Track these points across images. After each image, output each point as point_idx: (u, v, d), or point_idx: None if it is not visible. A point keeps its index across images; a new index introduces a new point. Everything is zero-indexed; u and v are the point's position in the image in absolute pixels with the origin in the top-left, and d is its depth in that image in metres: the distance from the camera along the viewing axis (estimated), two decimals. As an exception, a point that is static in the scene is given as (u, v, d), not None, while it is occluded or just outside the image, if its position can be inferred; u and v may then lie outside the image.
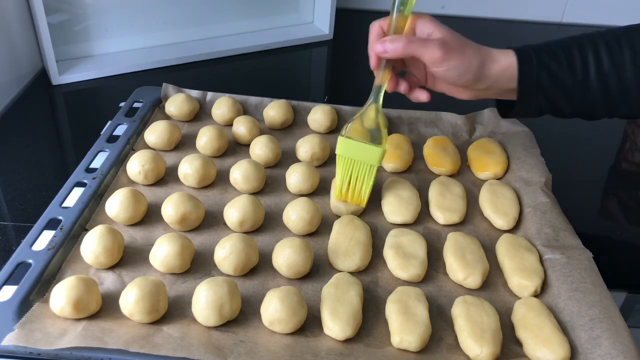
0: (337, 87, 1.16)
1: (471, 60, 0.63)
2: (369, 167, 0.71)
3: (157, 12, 1.14)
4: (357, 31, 1.37)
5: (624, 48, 0.61)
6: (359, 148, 0.70)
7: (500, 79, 0.64)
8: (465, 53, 0.63)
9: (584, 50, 0.62)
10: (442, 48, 0.62)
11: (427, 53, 0.63)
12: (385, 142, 0.70)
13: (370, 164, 0.70)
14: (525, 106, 0.66)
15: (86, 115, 0.99)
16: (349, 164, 0.71)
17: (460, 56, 0.63)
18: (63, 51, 1.06)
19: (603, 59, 0.61)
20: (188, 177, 0.75)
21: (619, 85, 0.61)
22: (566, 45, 0.64)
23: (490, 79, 0.64)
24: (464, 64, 0.63)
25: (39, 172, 0.82)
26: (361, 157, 0.70)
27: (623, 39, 0.62)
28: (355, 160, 0.71)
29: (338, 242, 0.67)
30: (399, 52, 0.64)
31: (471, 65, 0.63)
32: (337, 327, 0.57)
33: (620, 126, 1.03)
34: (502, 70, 0.64)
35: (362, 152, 0.70)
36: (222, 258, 0.63)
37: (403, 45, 0.63)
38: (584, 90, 0.62)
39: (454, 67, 0.63)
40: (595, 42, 0.62)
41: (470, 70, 0.63)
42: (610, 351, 0.53)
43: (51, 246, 0.63)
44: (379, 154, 0.70)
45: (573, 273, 0.62)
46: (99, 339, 0.54)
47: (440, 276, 0.66)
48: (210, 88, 0.94)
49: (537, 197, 0.74)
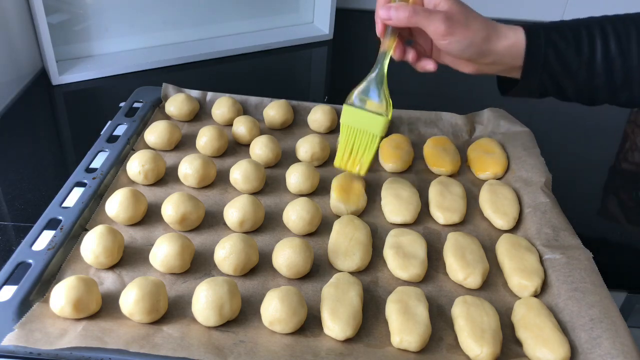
0: (337, 87, 1.16)
1: (475, 34, 0.62)
2: (372, 137, 0.70)
3: (157, 12, 1.14)
4: (357, 31, 1.37)
5: (631, 34, 0.61)
6: (363, 117, 0.69)
7: (506, 55, 0.63)
8: (470, 27, 0.62)
9: (592, 32, 0.62)
10: (446, 22, 0.61)
11: (431, 26, 0.62)
12: (389, 111, 0.69)
13: (373, 133, 0.70)
14: (528, 84, 0.65)
15: (86, 115, 0.99)
16: (352, 131, 0.70)
17: (464, 30, 0.62)
18: (63, 51, 1.06)
19: (610, 43, 0.61)
20: (188, 177, 0.75)
21: (623, 70, 0.61)
22: (575, 26, 0.63)
23: (496, 55, 0.64)
24: (468, 39, 0.62)
25: (39, 172, 0.82)
26: (364, 125, 0.69)
27: (631, 25, 0.62)
28: (359, 129, 0.70)
29: (338, 242, 0.67)
30: (403, 21, 0.63)
31: (475, 39, 0.62)
32: (337, 327, 0.57)
33: (620, 126, 1.03)
34: (509, 46, 0.63)
35: (365, 120, 0.69)
36: (222, 258, 0.63)
37: (408, 15, 0.62)
38: (589, 72, 0.62)
39: (457, 41, 0.62)
40: (604, 26, 0.62)
41: (474, 44, 0.63)
42: (610, 351, 0.53)
43: (51, 246, 0.63)
44: (383, 123, 0.69)
45: (573, 273, 0.62)
46: (99, 339, 0.54)
47: (440, 276, 0.66)
48: (210, 88, 0.94)
49: (537, 197, 0.74)
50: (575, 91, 0.65)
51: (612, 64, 0.61)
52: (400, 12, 0.63)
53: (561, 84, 0.64)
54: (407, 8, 0.63)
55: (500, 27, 0.64)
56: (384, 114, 0.69)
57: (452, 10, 0.62)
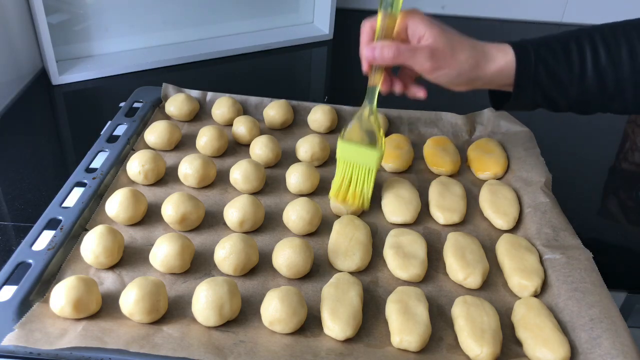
0: (337, 87, 1.16)
1: (463, 65, 0.62)
2: (368, 170, 0.71)
3: (157, 12, 1.14)
4: (357, 31, 1.37)
5: (621, 44, 0.61)
6: (357, 151, 0.70)
7: (497, 77, 0.63)
8: (457, 58, 0.62)
9: (581, 45, 0.62)
10: (431, 59, 0.61)
11: (417, 63, 0.62)
12: (382, 145, 0.70)
13: (368, 167, 0.71)
14: (520, 100, 0.65)
15: (86, 115, 0.99)
16: (349, 166, 0.71)
17: (451, 63, 0.62)
18: (63, 51, 1.06)
19: (600, 54, 0.61)
20: (188, 177, 0.75)
21: (615, 81, 0.61)
22: (564, 40, 0.63)
23: (486, 78, 0.63)
24: (455, 71, 0.62)
25: (39, 172, 0.82)
26: (359, 160, 0.71)
27: (620, 35, 0.61)
28: (354, 163, 0.71)
29: (338, 242, 0.67)
30: (388, 60, 0.63)
31: (463, 69, 0.62)
32: (337, 327, 0.57)
33: (620, 126, 1.03)
34: (499, 70, 0.63)
35: (359, 155, 0.70)
36: (222, 258, 0.63)
37: (392, 55, 0.62)
38: (581, 85, 0.62)
39: (445, 74, 0.63)
40: (593, 37, 0.62)
41: (463, 74, 0.63)
42: (610, 351, 0.53)
43: (51, 246, 0.63)
44: (377, 157, 0.70)
45: (573, 273, 0.62)
46: (99, 339, 0.54)
47: (440, 276, 0.66)
48: (210, 88, 0.94)
49: (537, 197, 0.74)
50: (568, 103, 0.65)
51: (603, 75, 0.61)
52: (385, 52, 0.63)
53: (553, 98, 0.64)
54: (392, 48, 0.62)
55: (488, 50, 0.63)
56: (377, 149, 0.70)
57: (437, 44, 0.62)
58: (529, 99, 0.65)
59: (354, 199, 0.72)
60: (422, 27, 0.63)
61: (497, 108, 0.71)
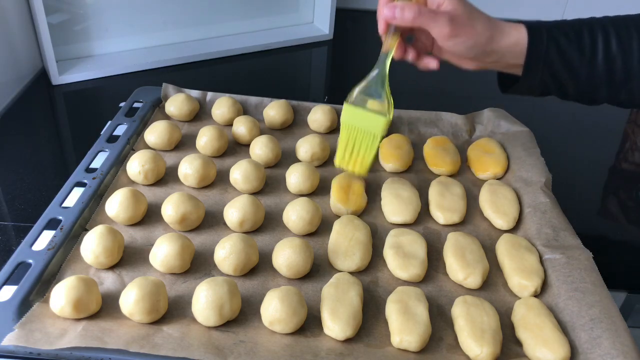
0: (337, 87, 1.16)
1: (480, 35, 0.62)
2: (372, 137, 0.69)
3: (157, 12, 1.14)
4: (357, 31, 1.37)
5: (632, 34, 0.61)
6: (364, 116, 0.68)
7: (508, 53, 0.64)
8: (475, 28, 0.62)
9: (593, 31, 0.62)
10: (450, 24, 0.61)
11: (436, 27, 0.62)
12: (390, 112, 0.68)
13: (373, 133, 0.69)
14: (529, 81, 0.65)
15: (86, 115, 0.99)
16: (353, 131, 0.70)
17: (469, 31, 0.62)
18: (63, 51, 1.06)
19: (611, 42, 0.61)
20: (188, 177, 0.75)
21: (624, 70, 0.61)
22: (577, 25, 0.64)
23: (498, 53, 0.64)
24: (472, 40, 0.62)
25: (39, 172, 0.82)
26: (365, 125, 0.69)
27: (632, 26, 0.62)
28: (359, 128, 0.69)
29: (338, 242, 0.67)
30: (408, 21, 0.62)
31: (479, 40, 0.62)
32: (337, 327, 0.57)
33: (620, 126, 1.03)
34: (511, 44, 0.63)
35: (366, 120, 0.68)
36: (222, 258, 0.63)
37: (413, 16, 0.62)
38: (590, 71, 0.62)
39: (462, 42, 0.62)
40: (605, 25, 0.63)
41: (478, 45, 0.63)
42: (610, 351, 0.53)
43: (51, 246, 0.63)
44: (383, 123, 0.68)
45: (573, 273, 0.62)
46: (99, 339, 0.54)
47: (440, 276, 0.66)
48: (210, 88, 0.94)
49: (537, 197, 0.74)
50: (576, 89, 0.65)
51: (613, 62, 0.62)
52: (406, 12, 0.62)
53: (562, 81, 0.64)
54: (413, 8, 0.62)
55: (503, 26, 0.63)
56: (384, 114, 0.68)
57: (457, 11, 0.62)
58: (537, 79, 0.64)
59: (354, 165, 0.71)
60: None
61: (504, 91, 0.71)
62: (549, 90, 0.66)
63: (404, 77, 0.82)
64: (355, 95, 0.69)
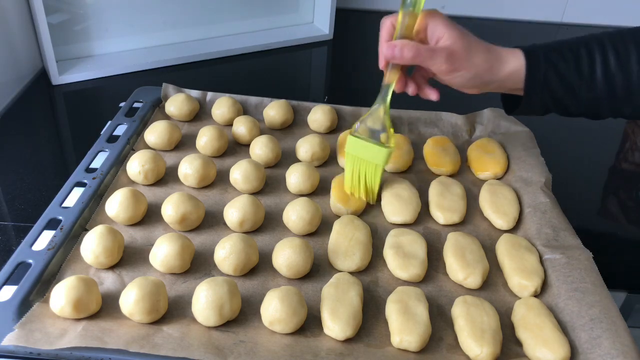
0: (337, 87, 1.16)
1: (479, 67, 0.63)
2: (375, 167, 0.71)
3: (157, 12, 1.14)
4: (357, 31, 1.37)
5: (630, 49, 0.61)
6: (366, 147, 0.71)
7: (508, 80, 0.64)
8: (473, 61, 0.63)
9: (591, 50, 0.62)
10: (448, 60, 0.62)
11: (434, 65, 0.63)
12: (392, 143, 0.70)
13: (376, 163, 0.71)
14: (531, 104, 0.66)
15: (86, 115, 0.99)
16: (357, 161, 0.72)
17: (467, 66, 0.63)
18: (63, 51, 1.06)
19: (610, 59, 0.62)
20: (188, 177, 0.75)
21: (624, 86, 0.61)
22: (574, 44, 0.64)
23: (498, 81, 0.64)
24: (471, 73, 0.63)
25: (39, 172, 0.82)
26: (368, 156, 0.71)
27: (630, 40, 0.62)
28: (362, 159, 0.71)
29: (338, 242, 0.67)
30: (407, 61, 0.64)
31: (478, 72, 0.63)
32: (337, 327, 0.57)
33: (620, 126, 1.03)
34: (510, 73, 0.64)
35: (369, 151, 0.71)
36: (222, 258, 0.63)
37: (412, 55, 0.63)
38: (590, 90, 0.63)
39: (461, 75, 0.64)
40: (603, 42, 0.62)
41: (477, 77, 0.64)
42: (610, 351, 0.53)
43: (51, 246, 0.63)
44: (385, 154, 0.70)
45: (573, 273, 0.62)
46: (99, 339, 0.54)
47: (440, 276, 0.66)
48: (210, 88, 0.94)
49: (537, 197, 0.74)
50: (578, 108, 0.65)
51: (612, 79, 0.62)
52: (405, 52, 0.63)
53: (563, 102, 0.65)
54: (411, 48, 0.63)
55: (501, 54, 0.64)
56: (386, 146, 0.70)
57: (455, 46, 0.63)
58: (538, 102, 0.65)
59: (360, 194, 0.74)
60: (441, 28, 0.63)
61: (509, 113, 0.72)
62: (551, 111, 0.67)
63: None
64: (358, 127, 0.71)
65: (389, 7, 1.35)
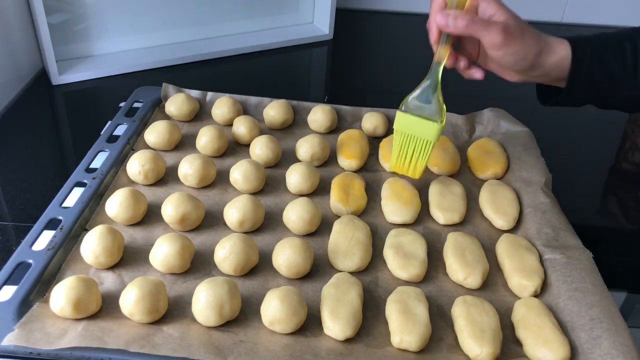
0: (337, 87, 1.16)
1: (530, 48, 0.63)
2: (426, 143, 0.71)
3: (157, 12, 1.14)
4: (357, 31, 1.37)
5: None
6: (417, 123, 0.70)
7: (554, 69, 0.64)
8: (526, 41, 0.63)
9: (636, 44, 0.63)
10: (503, 33, 0.62)
11: (488, 36, 0.62)
12: (443, 118, 0.70)
13: (426, 139, 0.71)
14: (571, 96, 0.66)
15: (86, 115, 0.99)
16: (406, 137, 0.72)
17: (520, 43, 0.62)
18: (63, 51, 1.06)
19: None
20: (188, 177, 0.75)
21: None
22: (618, 37, 0.64)
23: (544, 68, 0.64)
24: (523, 52, 0.63)
25: (39, 172, 0.82)
26: (418, 132, 0.71)
27: None
28: (412, 135, 0.71)
29: (338, 242, 0.67)
30: (461, 29, 0.63)
31: (529, 53, 0.63)
32: (337, 327, 0.57)
33: (620, 126, 1.03)
34: (557, 61, 0.64)
35: (419, 127, 0.70)
36: (222, 258, 0.63)
37: (466, 23, 0.62)
38: (633, 83, 0.63)
39: (512, 53, 0.63)
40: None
41: (528, 58, 0.63)
42: (610, 351, 0.53)
43: (51, 246, 0.63)
44: (436, 129, 0.70)
45: (573, 273, 0.62)
46: (99, 339, 0.54)
47: (440, 276, 0.66)
48: (210, 88, 0.94)
49: (537, 197, 0.74)
50: (618, 101, 0.66)
51: None
52: (459, 21, 0.63)
53: (605, 95, 0.65)
54: (465, 17, 0.62)
55: (550, 41, 0.64)
56: (437, 120, 0.70)
57: (509, 22, 0.63)
58: (580, 93, 0.65)
59: (408, 169, 0.74)
60: (493, 6, 0.63)
61: (544, 103, 0.71)
62: (590, 102, 0.67)
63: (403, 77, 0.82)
64: (408, 103, 0.71)
65: (389, 7, 1.35)
